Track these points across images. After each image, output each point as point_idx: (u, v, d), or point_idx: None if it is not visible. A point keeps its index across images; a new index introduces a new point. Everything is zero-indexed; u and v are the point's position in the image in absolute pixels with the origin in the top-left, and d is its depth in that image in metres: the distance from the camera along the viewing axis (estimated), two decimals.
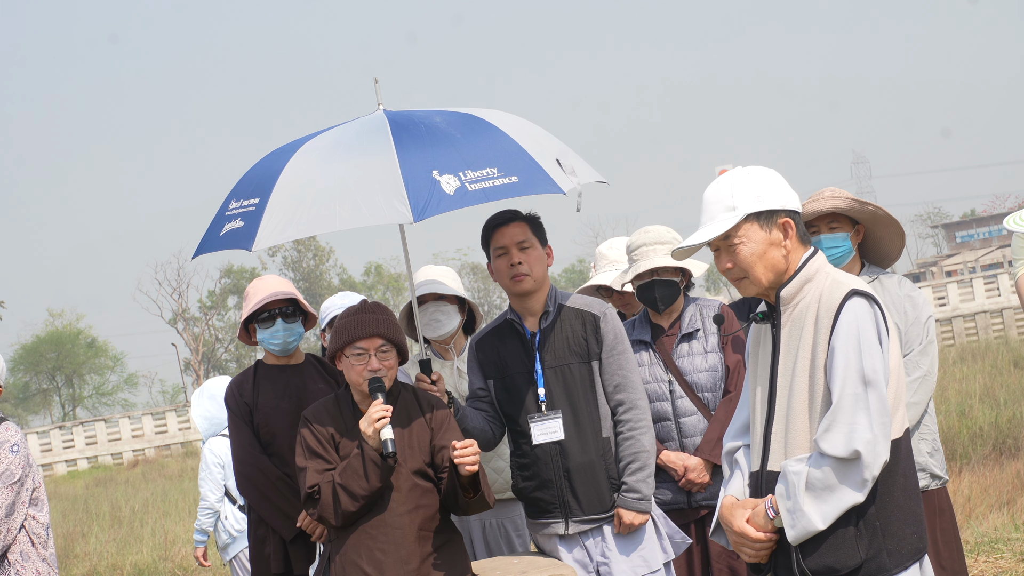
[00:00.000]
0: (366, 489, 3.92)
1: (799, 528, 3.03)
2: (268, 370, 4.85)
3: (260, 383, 4.82)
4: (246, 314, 4.79)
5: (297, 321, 4.81)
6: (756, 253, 3.19)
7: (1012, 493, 9.21)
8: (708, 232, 3.19)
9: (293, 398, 4.74)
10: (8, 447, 4.49)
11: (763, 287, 3.22)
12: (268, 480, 4.70)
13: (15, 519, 4.49)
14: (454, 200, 3.73)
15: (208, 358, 72.88)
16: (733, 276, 3.23)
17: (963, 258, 75.31)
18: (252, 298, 4.84)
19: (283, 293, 4.76)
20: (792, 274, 3.21)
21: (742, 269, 3.20)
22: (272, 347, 4.80)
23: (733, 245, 3.19)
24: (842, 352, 3.05)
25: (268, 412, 4.75)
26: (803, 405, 3.13)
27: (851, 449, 2.97)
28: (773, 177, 3.25)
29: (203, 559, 7.28)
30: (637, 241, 4.95)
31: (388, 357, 4.03)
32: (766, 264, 3.19)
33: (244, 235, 3.91)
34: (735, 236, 3.19)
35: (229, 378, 7.22)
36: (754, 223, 3.18)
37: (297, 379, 4.81)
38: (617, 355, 4.42)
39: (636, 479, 4.34)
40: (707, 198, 3.25)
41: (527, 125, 4.24)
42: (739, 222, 3.17)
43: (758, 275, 3.20)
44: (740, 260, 3.19)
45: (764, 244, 3.19)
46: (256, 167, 4.26)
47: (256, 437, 4.76)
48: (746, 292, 3.26)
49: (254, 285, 4.93)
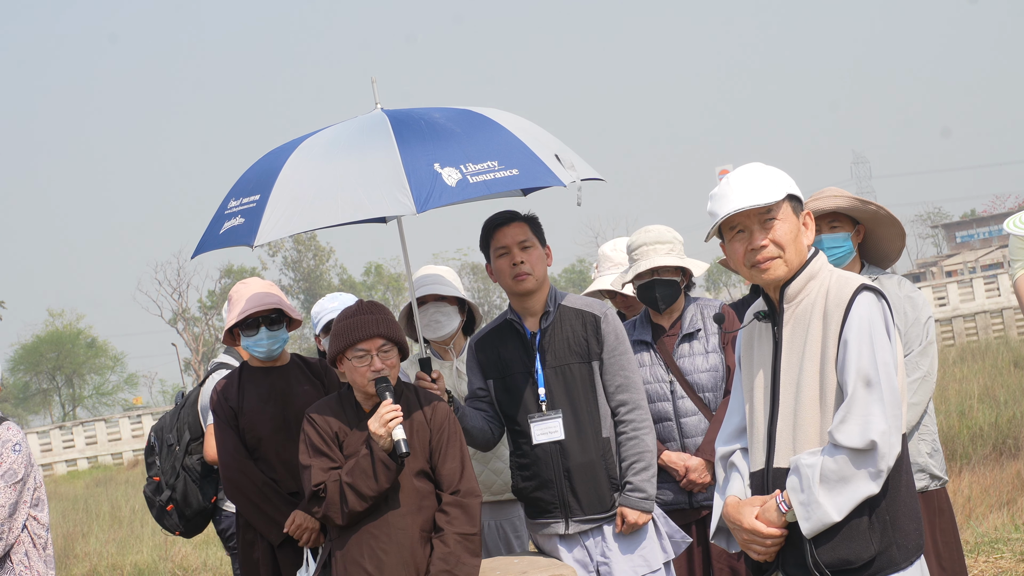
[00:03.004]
0: (375, 489, 3.92)
1: (814, 520, 3.04)
2: (253, 373, 4.85)
3: (245, 387, 4.81)
4: (230, 323, 4.79)
5: (281, 328, 4.80)
6: (792, 232, 3.20)
7: (1012, 493, 9.21)
8: (762, 197, 3.15)
9: (278, 402, 4.74)
10: (10, 446, 4.48)
11: (791, 271, 3.20)
12: (254, 485, 4.70)
13: (17, 519, 4.49)
14: (456, 192, 3.74)
15: (208, 358, 72.83)
16: (766, 255, 3.19)
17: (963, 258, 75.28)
18: (235, 304, 4.83)
19: (267, 303, 4.74)
20: (797, 271, 3.22)
21: (779, 247, 3.18)
22: (256, 353, 4.80)
23: (774, 220, 3.18)
24: (855, 346, 3.06)
25: (253, 417, 4.74)
26: (813, 400, 3.13)
27: (867, 440, 2.99)
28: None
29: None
30: (637, 241, 4.94)
31: (390, 356, 4.03)
32: (797, 247, 3.21)
33: (245, 232, 3.91)
34: (778, 212, 3.19)
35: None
36: (790, 205, 3.21)
37: (282, 382, 4.81)
38: (619, 356, 4.42)
39: (641, 479, 4.34)
40: (739, 178, 3.22)
41: (525, 122, 4.26)
42: (782, 199, 3.18)
43: (792, 255, 3.19)
44: (779, 236, 3.18)
45: (796, 228, 3.21)
46: (255, 166, 4.26)
47: (242, 442, 4.76)
48: (771, 275, 3.21)
49: (237, 290, 4.92)
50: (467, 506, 4.02)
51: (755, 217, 3.19)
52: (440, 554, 3.95)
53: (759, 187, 3.18)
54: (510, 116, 4.23)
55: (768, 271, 3.20)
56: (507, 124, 4.10)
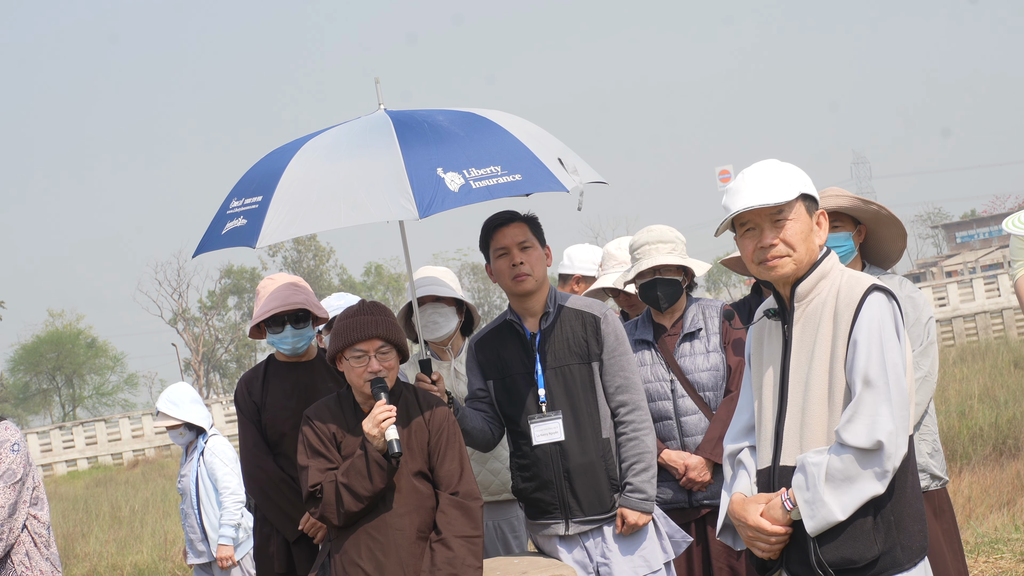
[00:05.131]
0: (369, 490, 3.92)
1: (819, 519, 3.04)
2: (278, 367, 4.86)
3: (270, 381, 4.82)
4: (256, 320, 4.78)
5: (307, 325, 4.80)
6: (803, 232, 3.19)
7: (1012, 493, 9.21)
8: (773, 197, 3.15)
9: (301, 397, 4.73)
10: (9, 446, 4.48)
11: (800, 269, 3.20)
12: (271, 480, 4.70)
13: (17, 519, 4.49)
14: (459, 197, 3.73)
15: (208, 358, 72.88)
16: (775, 253, 3.19)
17: (963, 258, 75.31)
18: (261, 299, 4.83)
19: (293, 303, 4.73)
20: (809, 269, 3.22)
21: (789, 245, 3.18)
22: (282, 350, 4.81)
23: (785, 220, 3.18)
24: (864, 346, 3.06)
25: (276, 412, 4.75)
26: (821, 399, 3.13)
27: (874, 440, 2.99)
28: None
29: (233, 560, 6.92)
30: (640, 240, 4.94)
31: (388, 358, 4.03)
32: (808, 247, 3.20)
33: (247, 233, 3.90)
34: (790, 212, 3.18)
35: (185, 384, 7.18)
36: (803, 205, 3.21)
37: (306, 377, 4.81)
38: (618, 356, 4.42)
39: (641, 479, 4.34)
40: (754, 174, 3.22)
41: (528, 125, 4.25)
42: (794, 199, 3.18)
43: (802, 255, 3.19)
44: (790, 236, 3.18)
45: (808, 228, 3.21)
46: (257, 166, 4.25)
47: (263, 437, 4.76)
48: (780, 272, 3.21)
49: (264, 285, 4.92)
50: (468, 508, 4.01)
51: (766, 215, 3.19)
52: (444, 558, 3.94)
53: (772, 185, 3.18)
54: (513, 119, 4.23)
55: (775, 269, 3.21)
56: (510, 128, 4.10)
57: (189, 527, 7.11)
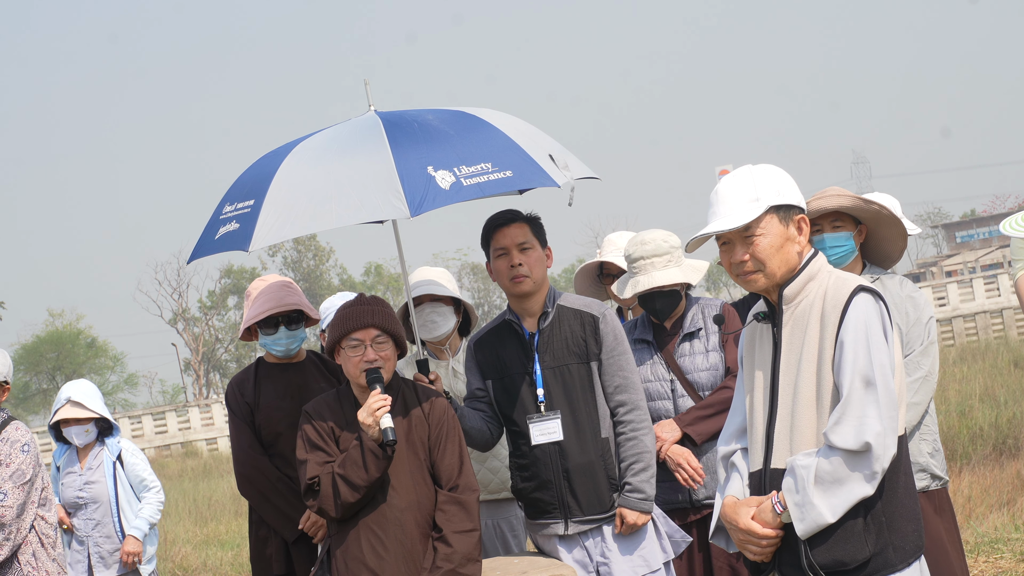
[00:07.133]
0: (365, 480, 3.92)
1: (808, 521, 3.04)
2: (270, 369, 4.85)
3: (261, 382, 4.82)
4: (248, 322, 4.78)
5: (300, 327, 4.80)
6: (774, 246, 3.18)
7: (1012, 493, 9.21)
8: (732, 221, 3.17)
9: (295, 398, 4.73)
10: (19, 447, 4.48)
11: (775, 282, 3.21)
12: (268, 481, 4.70)
13: (25, 519, 4.49)
14: (450, 195, 3.74)
15: (208, 358, 72.91)
16: (746, 269, 3.21)
17: (963, 258, 75.33)
18: (254, 301, 4.83)
19: (287, 304, 4.74)
20: (795, 273, 3.21)
21: (759, 261, 3.19)
22: (275, 351, 4.80)
23: (753, 237, 3.18)
24: (851, 347, 3.06)
25: (270, 413, 4.75)
26: (809, 401, 3.13)
27: (862, 441, 2.98)
28: (788, 176, 3.27)
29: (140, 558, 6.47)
30: (635, 253, 4.87)
31: (384, 348, 4.03)
32: (782, 258, 3.19)
33: (240, 237, 3.92)
34: (756, 228, 3.18)
35: (87, 381, 6.53)
36: (774, 217, 3.19)
37: (299, 378, 4.81)
38: (617, 356, 4.41)
39: (640, 479, 4.34)
40: (725, 190, 3.23)
41: (519, 122, 4.26)
42: (762, 214, 3.17)
43: (773, 269, 3.19)
44: (759, 252, 3.18)
45: (782, 238, 3.19)
46: (249, 171, 4.27)
47: (257, 438, 4.76)
48: (754, 287, 3.24)
49: (255, 286, 4.91)
50: (464, 503, 4.02)
51: (736, 232, 3.20)
52: (444, 554, 3.95)
53: (738, 205, 3.19)
54: (504, 117, 4.24)
55: (749, 284, 3.24)
56: (500, 125, 4.11)
57: (103, 537, 6.43)
